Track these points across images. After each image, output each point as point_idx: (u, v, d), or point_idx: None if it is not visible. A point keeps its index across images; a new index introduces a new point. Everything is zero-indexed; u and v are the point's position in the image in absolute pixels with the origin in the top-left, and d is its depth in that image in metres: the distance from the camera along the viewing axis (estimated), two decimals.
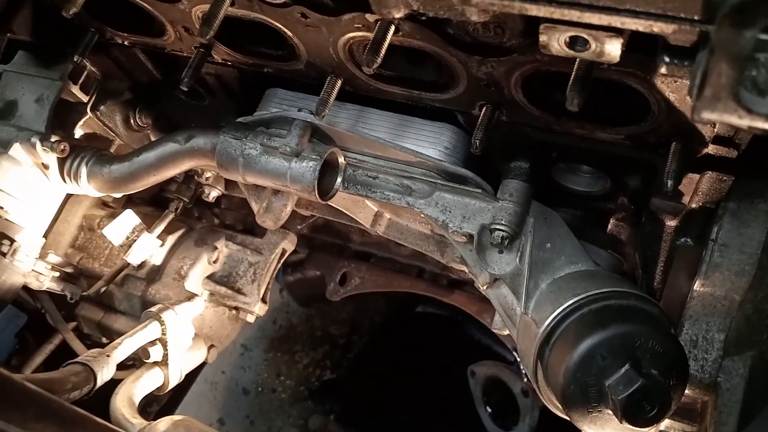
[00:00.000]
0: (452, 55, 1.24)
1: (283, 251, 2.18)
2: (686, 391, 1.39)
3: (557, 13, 0.78)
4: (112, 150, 1.97)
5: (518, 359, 2.46)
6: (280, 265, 2.18)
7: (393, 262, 2.25)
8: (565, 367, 1.23)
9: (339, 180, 1.57)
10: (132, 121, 1.96)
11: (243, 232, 2.21)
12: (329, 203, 1.67)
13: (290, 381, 3.97)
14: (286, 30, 1.37)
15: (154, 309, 1.88)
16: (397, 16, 0.96)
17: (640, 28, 0.76)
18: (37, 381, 1.39)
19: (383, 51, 1.18)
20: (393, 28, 1.19)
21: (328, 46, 1.37)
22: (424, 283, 2.20)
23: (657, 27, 0.74)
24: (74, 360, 1.59)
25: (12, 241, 1.69)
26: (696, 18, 0.71)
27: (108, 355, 1.63)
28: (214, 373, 3.92)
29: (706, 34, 0.66)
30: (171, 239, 2.09)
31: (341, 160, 1.56)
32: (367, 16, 1.21)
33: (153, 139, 2.00)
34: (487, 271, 1.47)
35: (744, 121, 0.62)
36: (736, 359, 1.49)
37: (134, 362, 1.91)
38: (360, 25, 1.25)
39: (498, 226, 1.44)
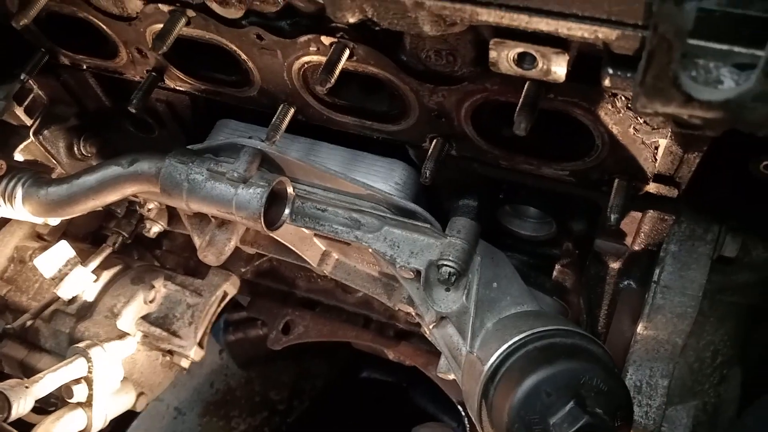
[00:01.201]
0: (405, 83, 1.26)
1: (225, 294, 2.10)
2: None
3: (506, 17, 0.79)
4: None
5: (464, 418, 2.38)
6: (220, 309, 2.10)
7: (339, 311, 2.18)
8: (509, 404, 1.19)
9: (287, 211, 1.54)
10: (76, 149, 1.90)
11: (184, 273, 2.13)
12: (276, 238, 1.63)
13: None
14: (240, 53, 1.37)
15: (81, 345, 1.77)
16: (351, 20, 0.97)
17: (586, 35, 0.78)
18: None
19: (337, 71, 1.18)
20: (348, 51, 1.20)
21: (282, 71, 1.37)
22: (370, 334, 2.14)
23: (601, 33, 0.76)
24: None
25: None
26: (638, 23, 0.73)
27: (27, 387, 1.50)
28: None
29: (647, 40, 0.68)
30: (106, 275, 2.00)
31: (290, 190, 1.53)
32: (323, 38, 1.22)
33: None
34: (433, 309, 1.44)
35: (684, 110, 0.63)
36: (680, 409, 1.47)
37: (55, 405, 1.78)
38: (315, 48, 1.26)
39: (445, 262, 1.42)
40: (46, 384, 1.59)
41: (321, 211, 1.55)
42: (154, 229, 1.98)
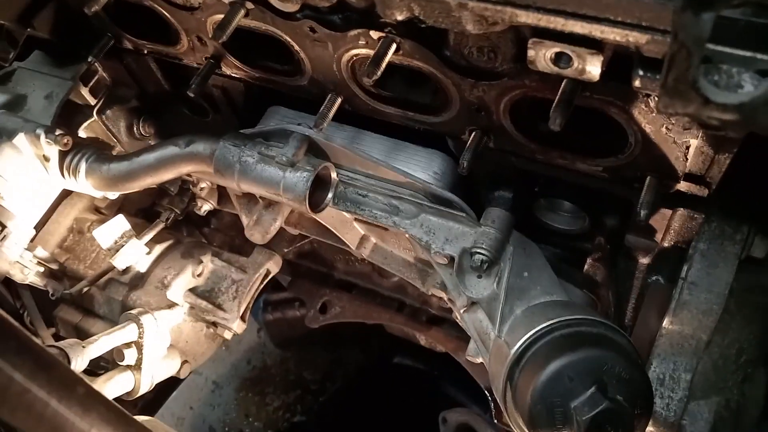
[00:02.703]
0: (447, 77, 1.32)
1: (267, 272, 2.20)
2: (650, 428, 1.41)
3: (543, 20, 0.85)
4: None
5: (492, 408, 2.45)
6: (262, 286, 2.21)
7: (374, 294, 2.27)
8: (533, 387, 1.25)
9: (330, 195, 1.62)
10: (135, 128, 2.02)
11: (230, 250, 2.24)
12: (318, 220, 1.72)
13: (258, 423, 3.90)
14: (293, 44, 1.46)
15: (133, 312, 1.89)
16: (399, 18, 1.04)
17: (618, 38, 0.83)
18: None
19: (383, 65, 1.26)
20: (394, 46, 1.28)
21: (332, 63, 1.45)
22: (403, 318, 2.22)
23: (632, 37, 0.82)
24: (51, 344, 1.59)
25: (3, 226, 1.72)
26: (667, 29, 0.78)
27: (83, 347, 1.63)
28: (181, 408, 3.84)
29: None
30: (158, 248, 2.12)
31: (334, 175, 1.62)
32: (371, 33, 1.29)
33: None
34: (465, 295, 1.51)
35: (702, 112, 0.68)
36: (702, 404, 1.51)
37: (105, 369, 1.91)
38: (364, 42, 1.33)
39: (478, 250, 1.48)
40: (100, 345, 1.72)
41: (362, 196, 1.63)
42: (205, 207, 2.09)
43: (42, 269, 1.94)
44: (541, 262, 1.53)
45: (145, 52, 1.80)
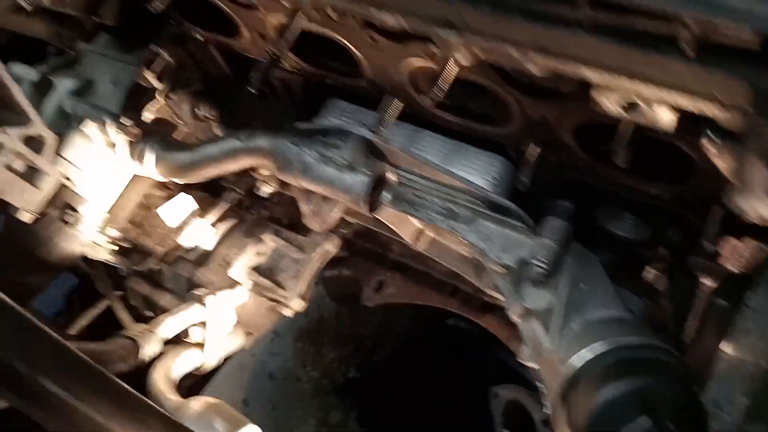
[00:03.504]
0: (509, 93, 1.28)
1: (326, 253, 2.25)
2: None
3: (612, 83, 0.81)
4: (175, 136, 2.08)
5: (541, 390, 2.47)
6: (322, 266, 2.26)
7: (429, 276, 2.29)
8: (586, 411, 1.26)
9: (387, 196, 1.62)
10: (198, 111, 2.05)
11: (289, 228, 2.29)
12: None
13: (315, 373, 4.05)
14: (353, 49, 1.43)
15: (199, 292, 1.98)
16: (465, 64, 1.00)
17: (690, 108, 0.78)
18: (86, 350, 1.48)
19: (448, 86, 1.22)
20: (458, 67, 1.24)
21: (392, 69, 1.42)
22: (457, 302, 2.23)
23: (707, 110, 0.77)
24: (122, 333, 1.69)
25: (76, 212, 1.80)
26: (746, 109, 0.73)
27: (152, 332, 1.73)
28: (244, 356, 4.03)
29: (753, 124, 0.69)
30: (222, 227, 2.19)
31: (391, 177, 1.61)
32: (432, 47, 1.26)
33: (215, 130, 2.10)
34: (520, 304, 1.50)
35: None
36: (758, 429, 1.48)
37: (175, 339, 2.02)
38: (425, 54, 1.30)
39: (536, 261, 1.47)
40: (168, 328, 1.81)
41: (419, 198, 1.62)
42: (266, 189, 2.13)
43: (114, 247, 2.04)
44: (600, 274, 1.50)
45: (208, 41, 1.80)
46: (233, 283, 2.10)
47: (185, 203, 2.09)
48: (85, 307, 2.38)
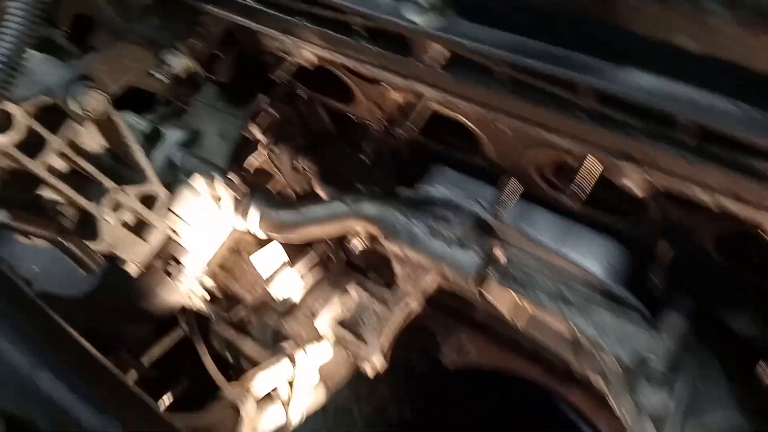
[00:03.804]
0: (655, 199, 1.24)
1: (411, 310, 2.22)
2: None
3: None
4: (271, 186, 2.09)
5: None
6: (404, 323, 2.23)
7: (513, 341, 2.24)
8: None
9: (495, 273, 1.59)
10: (298, 164, 2.06)
11: (374, 279, 2.27)
12: None
13: (368, 408, 4.00)
14: (480, 132, 1.41)
15: (287, 345, 1.98)
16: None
17: None
18: (190, 423, 1.49)
19: (591, 187, 1.19)
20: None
21: (520, 156, 1.39)
22: (541, 369, 2.18)
23: None
24: (221, 397, 1.69)
25: (179, 263, 1.82)
26: None
27: (249, 391, 1.73)
28: None
29: None
30: (309, 277, 2.19)
31: (500, 254, 1.58)
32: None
33: (313, 183, 2.10)
34: (633, 402, 1.45)
35: None
36: None
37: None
38: (564, 154, 1.26)
39: (652, 359, 1.41)
40: (260, 385, 1.81)
41: (528, 277, 1.59)
42: (358, 245, 2.12)
43: (207, 296, 2.05)
44: (719, 375, 1.44)
45: (317, 102, 1.81)
46: (319, 337, 2.09)
47: (276, 252, 2.10)
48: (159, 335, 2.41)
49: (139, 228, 1.68)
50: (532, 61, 0.82)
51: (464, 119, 1.40)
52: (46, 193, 1.36)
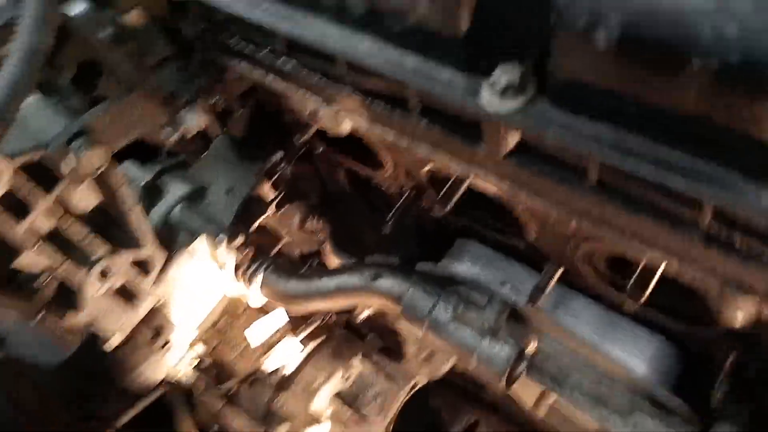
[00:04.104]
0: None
1: (415, 384, 2.05)
2: None
3: None
4: (278, 247, 1.92)
5: None
6: (408, 398, 2.06)
7: (524, 423, 2.08)
8: None
9: (524, 366, 1.44)
10: (308, 223, 1.91)
11: (380, 351, 2.10)
12: None
13: None
14: (527, 219, 1.27)
15: (281, 430, 1.79)
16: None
17: None
18: None
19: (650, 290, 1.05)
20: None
21: (566, 243, 1.25)
22: None
23: None
24: None
25: (167, 335, 1.64)
26: None
27: None
28: None
29: None
30: (310, 345, 2.01)
31: (533, 346, 1.43)
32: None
33: (323, 243, 1.94)
34: None
35: None
36: None
37: None
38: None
39: None
40: None
41: (563, 373, 1.44)
42: (363, 315, 1.96)
43: (195, 364, 1.86)
44: None
45: (339, 163, 1.66)
46: (317, 418, 1.91)
47: (278, 319, 1.92)
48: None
49: (128, 295, 1.50)
50: (642, 165, 0.68)
51: (512, 206, 1.26)
52: (24, 260, 1.18)
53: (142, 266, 1.48)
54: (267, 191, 1.78)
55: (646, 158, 0.71)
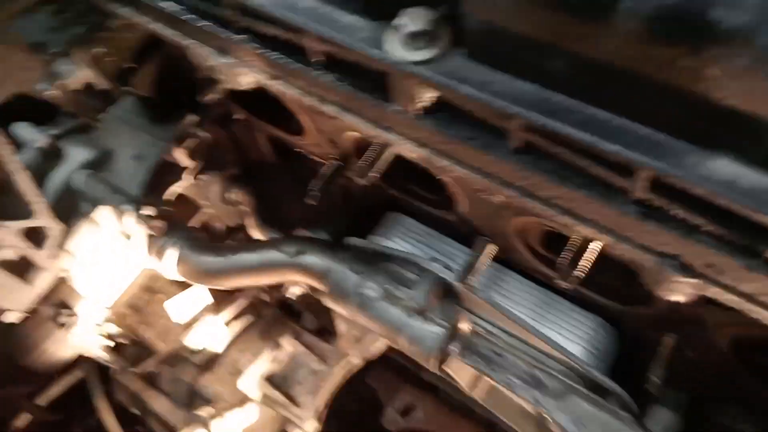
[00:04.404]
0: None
1: (352, 366, 1.95)
2: None
3: None
4: (197, 219, 1.78)
5: None
6: (343, 381, 1.95)
7: (463, 406, 2.00)
8: None
9: (457, 348, 1.34)
10: (228, 195, 1.76)
11: (312, 331, 1.98)
12: None
13: None
14: (458, 191, 1.16)
15: (203, 413, 1.67)
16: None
17: None
18: None
19: (589, 267, 0.95)
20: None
21: (498, 216, 1.15)
22: None
23: None
24: None
25: (72, 312, 1.49)
26: None
27: None
28: None
29: None
30: (235, 325, 1.88)
31: (466, 326, 1.33)
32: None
33: (244, 216, 1.80)
34: None
35: None
36: None
37: None
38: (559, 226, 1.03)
39: None
40: None
41: (497, 355, 1.34)
42: (294, 290, 1.83)
43: (110, 343, 1.71)
44: None
45: (259, 129, 1.52)
46: (242, 399, 1.79)
47: (198, 296, 1.78)
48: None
49: (23, 269, 1.34)
50: (571, 129, 0.58)
51: (438, 174, 1.14)
52: None
53: (36, 237, 1.31)
54: (180, 158, 1.63)
55: (574, 119, 0.60)
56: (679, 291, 0.69)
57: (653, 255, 0.67)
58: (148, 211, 1.48)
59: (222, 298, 1.87)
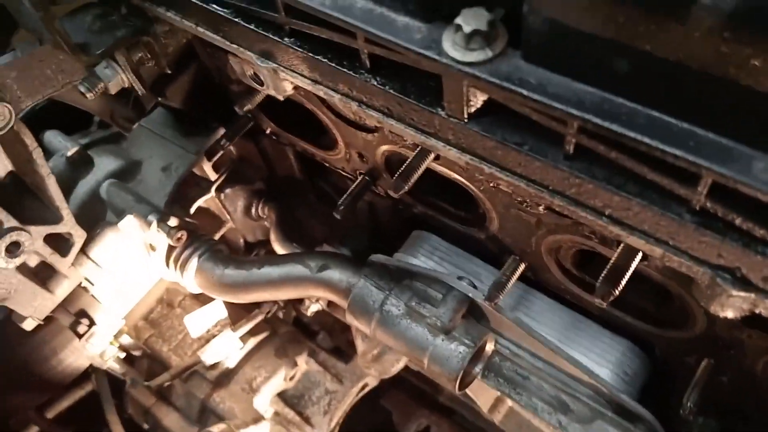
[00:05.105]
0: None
1: (365, 385, 1.92)
2: None
3: None
4: (220, 233, 1.77)
5: None
6: (356, 400, 1.93)
7: (480, 428, 1.97)
8: None
9: (479, 368, 1.32)
10: (254, 210, 1.76)
11: (328, 351, 1.96)
12: None
13: None
14: (486, 202, 1.15)
15: (215, 430, 1.64)
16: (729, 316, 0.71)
17: None
18: None
19: (623, 282, 0.94)
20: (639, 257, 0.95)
21: (530, 234, 1.14)
22: None
23: None
24: None
25: (91, 321, 1.47)
26: None
27: None
28: None
29: None
30: (252, 342, 1.86)
31: (490, 347, 1.31)
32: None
33: (270, 233, 1.79)
34: None
35: None
36: None
37: None
38: (586, 233, 1.02)
39: None
40: None
41: (522, 377, 1.32)
42: (313, 308, 1.82)
43: (123, 355, 1.69)
44: None
45: (289, 144, 1.52)
46: (257, 418, 1.76)
47: (216, 312, 1.77)
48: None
49: (44, 276, 1.34)
50: (633, 132, 0.57)
51: (468, 184, 1.14)
52: None
53: (60, 244, 1.31)
54: (208, 171, 1.63)
55: (635, 122, 0.60)
56: (733, 306, 0.67)
57: (709, 267, 0.65)
58: (172, 222, 1.48)
59: (238, 315, 1.85)
